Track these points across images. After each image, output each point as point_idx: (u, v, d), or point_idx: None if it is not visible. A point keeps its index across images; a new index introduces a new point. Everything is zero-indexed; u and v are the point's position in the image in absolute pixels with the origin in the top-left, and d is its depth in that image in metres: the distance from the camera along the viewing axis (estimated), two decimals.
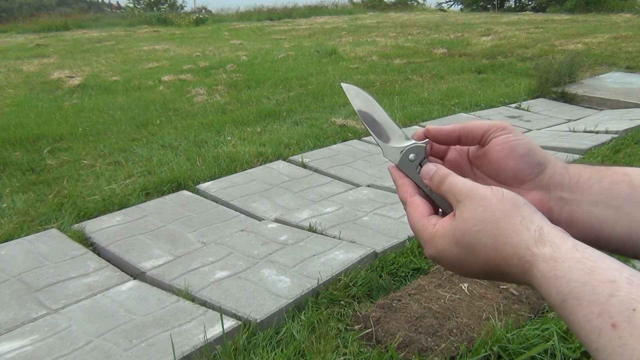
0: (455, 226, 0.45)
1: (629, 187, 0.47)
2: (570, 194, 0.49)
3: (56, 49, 10.15)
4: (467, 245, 0.44)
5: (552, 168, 0.50)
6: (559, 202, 0.49)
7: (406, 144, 0.53)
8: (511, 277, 0.43)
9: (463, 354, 1.62)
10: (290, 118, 4.84)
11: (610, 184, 0.48)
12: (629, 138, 3.82)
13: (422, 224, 0.49)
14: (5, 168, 3.56)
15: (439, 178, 0.49)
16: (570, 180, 0.49)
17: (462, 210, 0.45)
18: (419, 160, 0.52)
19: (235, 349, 1.70)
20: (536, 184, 0.50)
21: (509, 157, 0.50)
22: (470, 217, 0.44)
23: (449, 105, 5.29)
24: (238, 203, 2.93)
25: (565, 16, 13.97)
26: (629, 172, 0.49)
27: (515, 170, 0.50)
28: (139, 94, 6.05)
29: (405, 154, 0.52)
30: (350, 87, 0.56)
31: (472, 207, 0.44)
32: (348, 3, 22.05)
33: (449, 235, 0.45)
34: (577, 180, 0.49)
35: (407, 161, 0.52)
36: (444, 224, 0.46)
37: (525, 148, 0.49)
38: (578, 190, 0.49)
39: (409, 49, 8.81)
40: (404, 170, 0.53)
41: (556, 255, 0.38)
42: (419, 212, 0.49)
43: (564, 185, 0.49)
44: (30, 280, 2.14)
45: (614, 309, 0.33)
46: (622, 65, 7.08)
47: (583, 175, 0.49)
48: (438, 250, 0.47)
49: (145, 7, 25.56)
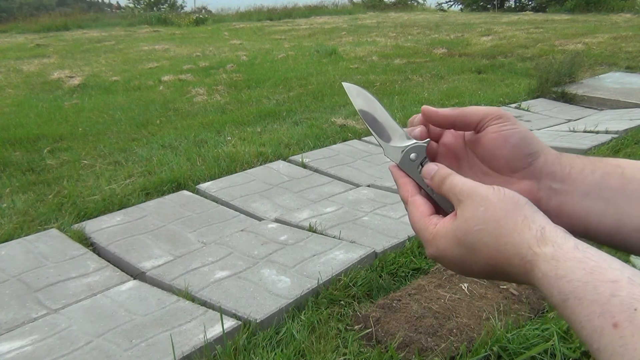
0: (456, 226, 0.45)
1: (620, 178, 0.47)
2: (561, 184, 0.49)
3: (56, 49, 10.15)
4: (469, 245, 0.44)
5: (545, 158, 0.50)
6: (549, 193, 0.49)
7: (407, 144, 0.53)
8: (512, 277, 0.43)
9: (463, 354, 1.62)
10: (290, 118, 4.84)
11: (602, 175, 0.48)
12: (629, 138, 3.82)
13: (423, 224, 0.49)
14: (5, 168, 3.56)
15: (440, 178, 0.49)
16: (562, 171, 0.49)
17: (463, 210, 0.45)
18: (420, 159, 0.52)
19: (235, 349, 1.70)
20: (527, 174, 0.50)
21: (502, 146, 0.50)
22: (471, 216, 0.44)
23: (449, 105, 5.29)
24: (238, 203, 2.93)
25: (565, 16, 13.97)
26: (621, 163, 0.49)
27: (507, 159, 0.50)
28: (139, 94, 6.05)
29: (407, 153, 0.52)
30: (352, 86, 0.56)
31: (474, 207, 0.44)
32: (348, 3, 22.05)
33: (451, 234, 0.45)
34: (569, 171, 0.49)
35: (408, 161, 0.52)
36: (445, 224, 0.46)
37: (518, 137, 0.49)
38: (569, 181, 0.48)
39: (409, 49, 8.81)
40: (405, 169, 0.53)
41: (558, 255, 0.38)
42: (420, 211, 0.49)
43: (555, 175, 0.49)
44: (30, 280, 2.14)
45: (616, 309, 0.33)
46: (622, 65, 7.08)
47: (576, 166, 0.49)
48: (439, 250, 0.47)
49: (145, 7, 25.55)
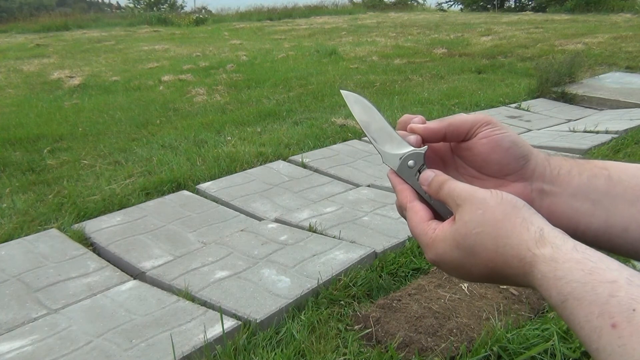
0: (455, 229, 0.45)
1: (607, 180, 0.48)
2: (551, 186, 0.50)
3: (56, 49, 10.15)
4: (468, 248, 0.44)
5: (535, 160, 0.51)
6: (540, 194, 0.50)
7: (405, 151, 0.53)
8: (512, 279, 0.43)
9: (463, 354, 1.62)
10: (290, 118, 4.84)
11: (589, 177, 0.49)
12: (629, 138, 3.82)
13: (421, 229, 0.49)
14: (5, 168, 3.56)
15: (438, 184, 0.49)
16: (551, 173, 0.50)
17: (462, 214, 0.45)
18: (417, 166, 0.52)
19: (235, 349, 1.70)
20: (519, 176, 0.50)
21: (494, 151, 0.50)
22: (470, 219, 0.44)
23: (449, 105, 5.29)
24: (238, 203, 2.93)
25: (565, 16, 13.97)
26: (608, 165, 0.49)
27: (500, 164, 0.51)
28: (139, 94, 6.05)
29: (404, 160, 0.53)
30: (350, 94, 0.56)
31: (472, 210, 0.44)
32: (348, 3, 22.08)
33: (449, 238, 0.45)
34: (558, 173, 0.50)
35: (406, 167, 0.53)
36: (444, 228, 0.47)
37: (509, 141, 0.50)
38: (558, 183, 0.49)
39: (409, 49, 8.81)
40: (403, 176, 0.53)
41: (556, 256, 0.38)
42: (418, 216, 0.50)
43: (545, 177, 0.50)
44: (30, 280, 2.14)
45: (614, 309, 0.33)
46: (622, 65, 7.08)
47: (564, 167, 0.50)
48: (439, 255, 0.47)
49: (145, 7, 25.57)
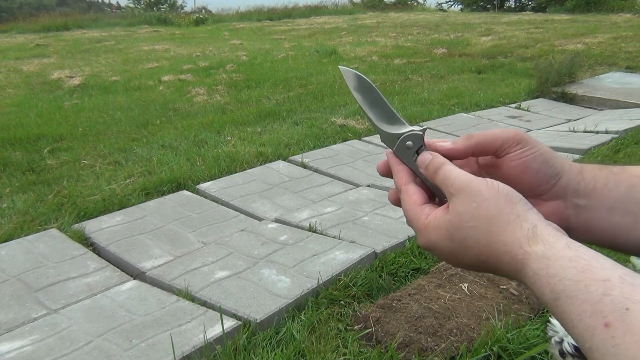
0: (448, 220, 0.45)
1: None
2: (586, 200, 0.48)
3: (56, 49, 10.15)
4: (460, 240, 0.44)
5: (567, 176, 0.49)
6: (575, 210, 0.48)
7: (404, 131, 0.51)
8: (504, 274, 0.43)
9: (463, 354, 1.62)
10: (290, 118, 4.83)
11: (627, 188, 0.47)
12: (629, 138, 3.82)
13: (414, 213, 0.48)
14: (5, 168, 3.56)
15: (434, 168, 0.48)
16: (586, 187, 0.48)
17: (455, 204, 0.44)
18: (416, 147, 0.51)
19: (235, 349, 1.70)
20: (552, 195, 0.49)
21: (524, 174, 0.49)
22: (464, 211, 0.44)
23: (449, 105, 5.28)
24: (238, 203, 2.93)
25: (565, 16, 13.97)
26: None
27: (531, 186, 0.49)
28: (139, 94, 6.05)
29: (403, 140, 0.51)
30: (348, 71, 0.54)
31: (466, 202, 0.44)
32: (348, 3, 22.05)
33: (442, 228, 0.45)
34: (594, 187, 0.48)
35: (404, 148, 0.51)
36: (437, 216, 0.46)
37: (540, 161, 0.48)
38: (594, 197, 0.48)
39: (409, 49, 8.81)
40: (400, 157, 0.52)
41: (549, 254, 0.38)
42: (412, 200, 0.49)
43: (579, 192, 0.48)
44: (30, 280, 2.14)
45: (607, 308, 0.33)
46: (622, 65, 7.08)
47: (599, 180, 0.48)
48: (431, 242, 0.47)
49: (145, 7, 25.56)
